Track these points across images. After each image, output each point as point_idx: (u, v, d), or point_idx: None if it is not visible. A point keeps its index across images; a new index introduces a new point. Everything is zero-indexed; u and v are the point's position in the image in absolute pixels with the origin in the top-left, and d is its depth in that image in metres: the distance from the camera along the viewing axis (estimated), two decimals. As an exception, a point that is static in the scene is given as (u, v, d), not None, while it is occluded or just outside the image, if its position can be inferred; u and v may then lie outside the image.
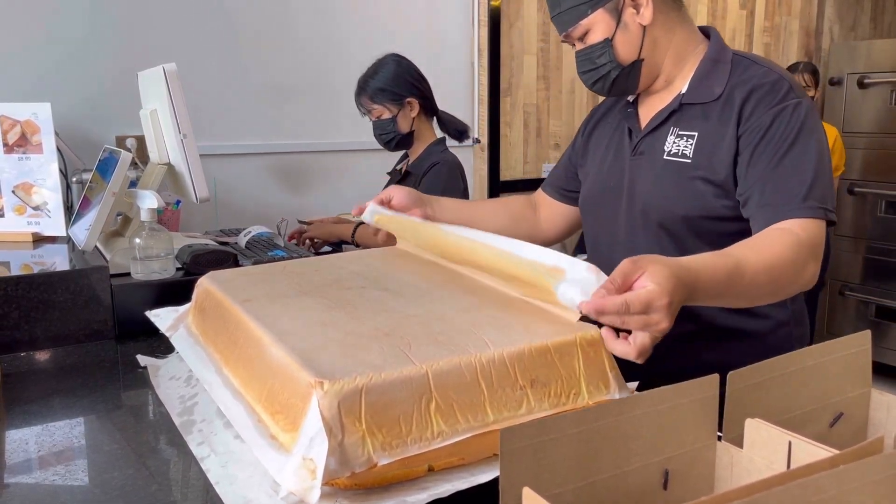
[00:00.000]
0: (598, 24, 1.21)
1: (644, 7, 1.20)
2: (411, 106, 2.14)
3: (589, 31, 1.22)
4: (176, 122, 1.57)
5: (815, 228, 1.10)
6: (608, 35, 1.21)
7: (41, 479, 0.84)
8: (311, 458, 0.72)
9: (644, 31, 1.21)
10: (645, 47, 1.22)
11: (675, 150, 1.23)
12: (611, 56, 1.22)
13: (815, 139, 1.14)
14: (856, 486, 0.50)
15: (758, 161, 1.14)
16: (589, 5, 1.20)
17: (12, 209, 1.73)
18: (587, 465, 0.59)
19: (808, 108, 1.15)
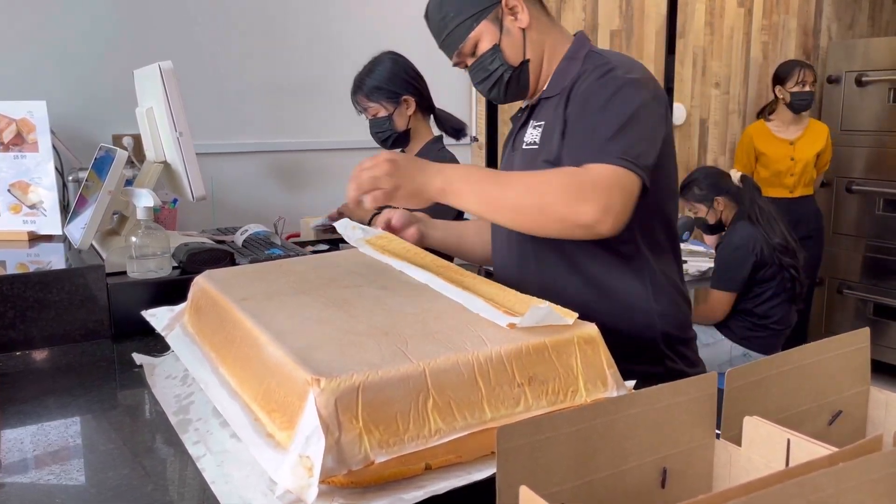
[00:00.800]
0: (485, 34, 1.33)
1: (521, 12, 1.32)
2: (407, 104, 2.14)
3: (478, 42, 1.33)
4: (172, 120, 1.57)
5: (605, 171, 1.13)
6: (496, 41, 1.33)
7: (37, 479, 0.84)
8: (307, 455, 0.71)
9: (524, 34, 1.34)
10: (527, 48, 1.34)
11: (529, 139, 1.36)
12: (501, 60, 1.33)
13: (630, 103, 1.19)
14: (854, 484, 0.50)
15: (573, 128, 1.24)
16: (473, 19, 1.32)
17: (8, 208, 1.73)
18: (584, 464, 0.59)
19: (627, 80, 1.22)
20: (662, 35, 3.59)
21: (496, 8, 1.32)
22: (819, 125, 3.67)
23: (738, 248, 2.76)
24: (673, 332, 1.32)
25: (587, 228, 1.11)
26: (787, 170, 3.57)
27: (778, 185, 3.60)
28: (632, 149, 1.15)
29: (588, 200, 1.10)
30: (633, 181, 1.14)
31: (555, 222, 1.12)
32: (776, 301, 2.79)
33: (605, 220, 1.11)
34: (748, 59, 3.93)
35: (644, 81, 1.23)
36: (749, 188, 2.89)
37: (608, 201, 1.11)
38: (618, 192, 1.12)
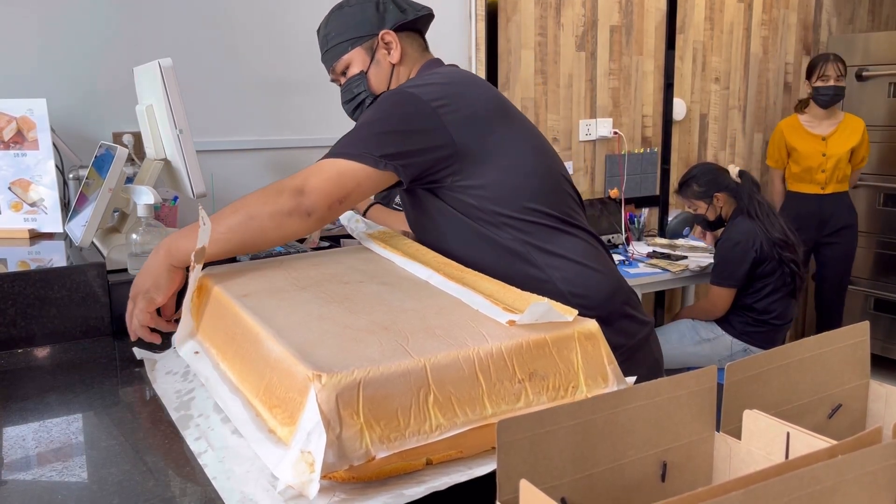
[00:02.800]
0: (356, 60, 1.48)
1: (394, 49, 1.46)
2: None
3: (349, 65, 1.49)
4: (172, 117, 1.57)
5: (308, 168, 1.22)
6: (364, 68, 1.47)
7: (39, 476, 0.84)
8: (309, 451, 0.72)
9: (393, 68, 1.47)
10: (392, 81, 1.47)
11: None
12: (365, 86, 1.48)
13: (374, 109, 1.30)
14: (854, 477, 0.50)
15: None
16: (349, 43, 1.47)
17: (9, 206, 1.73)
18: (584, 458, 0.59)
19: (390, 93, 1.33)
20: (662, 30, 3.59)
21: (372, 39, 1.46)
22: (855, 120, 3.59)
23: (738, 243, 2.76)
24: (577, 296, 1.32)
25: (294, 212, 1.16)
26: (819, 166, 3.53)
27: (809, 181, 3.56)
28: (351, 143, 1.24)
29: (283, 191, 1.17)
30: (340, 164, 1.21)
31: (267, 220, 1.15)
32: (776, 296, 2.79)
33: (303, 201, 1.17)
34: (748, 55, 3.93)
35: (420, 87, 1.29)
36: (747, 183, 2.89)
37: (301, 184, 1.18)
38: (314, 174, 1.20)
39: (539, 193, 1.33)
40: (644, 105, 3.63)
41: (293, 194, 1.16)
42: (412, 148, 1.24)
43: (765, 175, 4.03)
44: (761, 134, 4.07)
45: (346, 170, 1.21)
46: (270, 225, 1.16)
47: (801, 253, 2.87)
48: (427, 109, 1.26)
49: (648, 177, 3.67)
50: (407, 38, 1.48)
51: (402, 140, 1.24)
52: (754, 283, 2.79)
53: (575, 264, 1.32)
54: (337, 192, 1.20)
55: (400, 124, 1.26)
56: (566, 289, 1.30)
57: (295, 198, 1.16)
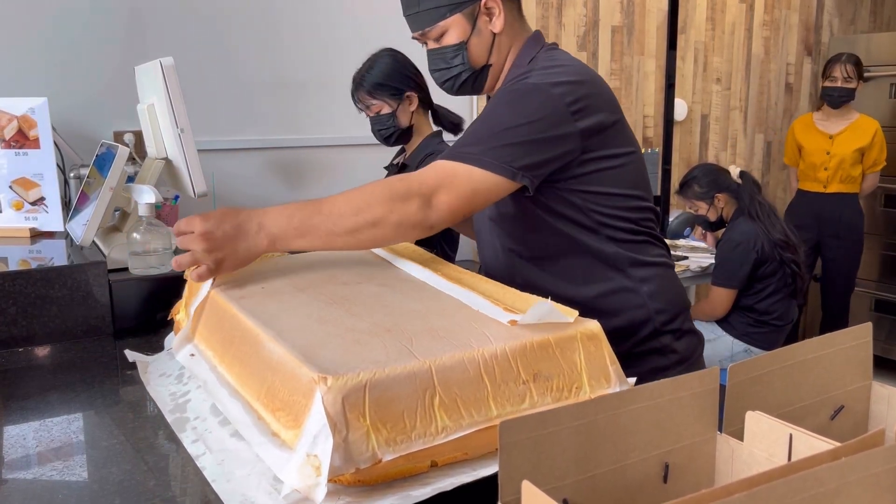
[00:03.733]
0: (455, 27, 1.29)
1: (497, 17, 1.29)
2: (410, 100, 2.13)
3: (445, 32, 1.29)
4: (173, 116, 1.56)
5: (434, 168, 1.15)
6: (463, 38, 1.29)
7: (39, 475, 0.84)
8: (315, 454, 0.71)
9: (494, 37, 1.31)
10: (493, 53, 1.32)
11: None
12: (464, 58, 1.30)
13: (511, 108, 1.20)
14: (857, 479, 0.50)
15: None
16: (448, 8, 1.27)
17: (10, 204, 1.73)
18: (587, 459, 0.59)
19: (527, 87, 1.21)
20: (664, 30, 3.58)
21: (474, 5, 1.28)
22: (868, 122, 3.57)
23: (739, 244, 2.75)
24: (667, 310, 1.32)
25: (418, 226, 1.12)
26: (822, 163, 3.54)
27: (812, 178, 3.58)
28: (492, 149, 1.15)
29: (412, 199, 1.11)
30: (476, 175, 1.14)
31: (391, 230, 1.10)
32: (777, 297, 2.79)
33: (430, 215, 1.12)
34: (749, 55, 3.92)
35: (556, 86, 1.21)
36: (748, 184, 2.89)
37: (431, 195, 1.12)
38: (446, 187, 1.13)
39: (638, 207, 1.31)
40: (645, 105, 3.63)
41: (421, 206, 1.11)
42: (547, 157, 1.19)
43: (765, 175, 4.03)
44: (762, 135, 4.07)
45: (482, 185, 1.15)
46: (392, 234, 1.11)
47: (802, 253, 2.87)
48: (564, 113, 1.20)
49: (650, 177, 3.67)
50: (507, 3, 1.32)
51: (540, 150, 1.18)
52: (755, 284, 2.79)
53: (660, 278, 1.33)
54: (465, 209, 1.15)
55: (538, 132, 1.18)
56: (652, 304, 1.30)
57: (423, 210, 1.11)
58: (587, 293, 1.28)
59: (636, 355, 1.28)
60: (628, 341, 1.28)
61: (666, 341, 1.32)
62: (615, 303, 1.29)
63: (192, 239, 1.06)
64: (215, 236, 1.05)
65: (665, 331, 1.31)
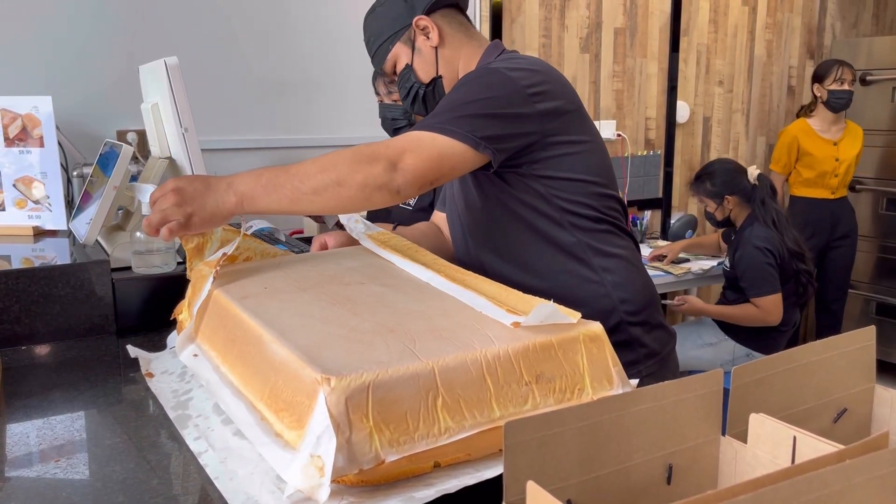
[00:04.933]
0: (401, 55, 1.41)
1: (431, 31, 1.38)
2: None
3: (396, 62, 1.43)
4: (177, 116, 1.57)
5: (403, 135, 1.20)
6: (408, 61, 1.41)
7: (42, 473, 0.84)
8: (318, 455, 0.71)
9: (436, 52, 1.40)
10: (440, 65, 1.41)
11: None
12: (414, 78, 1.42)
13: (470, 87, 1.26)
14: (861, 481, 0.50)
15: None
16: (389, 41, 1.41)
17: (13, 203, 1.73)
18: (591, 460, 0.59)
19: (485, 69, 1.30)
20: (666, 33, 3.59)
21: (407, 30, 1.39)
22: (855, 127, 3.61)
23: (762, 250, 2.74)
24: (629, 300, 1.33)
25: (384, 187, 1.13)
26: (832, 170, 3.53)
27: (821, 186, 3.56)
28: (453, 119, 1.19)
29: (378, 161, 1.13)
30: (440, 141, 1.17)
31: (356, 190, 1.12)
32: (786, 304, 2.79)
33: (395, 177, 1.13)
34: (752, 58, 3.93)
35: (516, 70, 1.26)
36: (763, 188, 2.86)
37: (397, 159, 1.14)
38: (412, 151, 1.15)
39: (600, 194, 1.34)
40: (647, 107, 3.63)
41: (387, 168, 1.13)
42: (509, 132, 1.23)
43: (767, 178, 4.02)
44: (764, 137, 4.07)
45: (447, 150, 1.18)
46: (358, 196, 1.13)
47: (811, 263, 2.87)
48: (523, 94, 1.25)
49: (651, 179, 3.67)
50: (443, 17, 1.40)
51: (500, 123, 1.22)
52: None
53: (624, 268, 1.34)
54: (431, 174, 1.17)
55: (499, 107, 1.23)
56: (616, 294, 1.32)
57: (388, 172, 1.13)
58: (551, 283, 1.30)
59: None
60: None
61: (636, 334, 1.32)
62: (578, 293, 1.30)
63: (163, 194, 1.09)
64: (185, 191, 1.08)
65: (632, 322, 1.32)
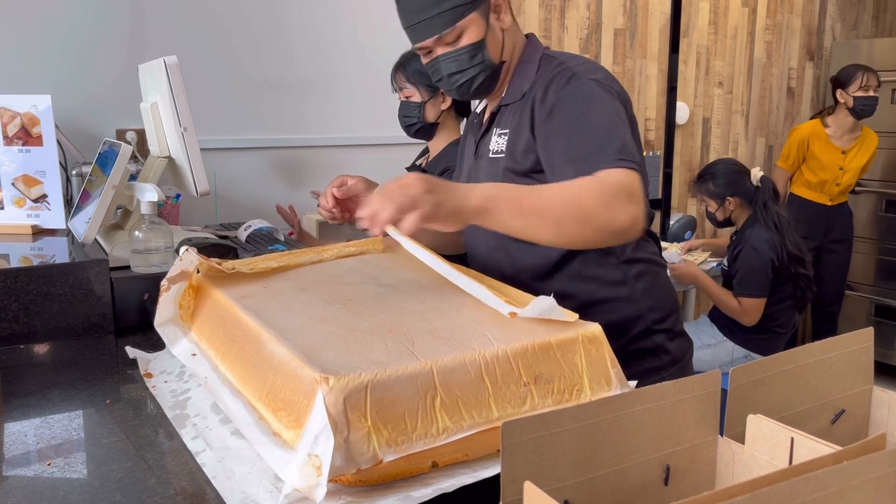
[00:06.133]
0: (473, 26, 1.25)
1: (503, 13, 1.28)
2: (443, 98, 2.10)
3: (463, 33, 1.25)
4: (176, 115, 1.57)
5: (621, 174, 1.11)
6: (481, 37, 1.26)
7: (40, 472, 0.84)
8: (316, 454, 0.71)
9: (503, 35, 1.29)
10: (505, 50, 1.30)
11: (495, 147, 1.32)
12: (484, 56, 1.27)
13: (602, 106, 1.20)
14: (858, 483, 0.50)
15: (554, 136, 1.20)
16: (466, 7, 1.24)
17: (12, 201, 1.73)
18: (588, 460, 0.59)
19: (591, 85, 1.22)
20: (666, 34, 3.59)
21: (486, 2, 1.26)
22: (871, 134, 3.56)
23: (760, 253, 2.74)
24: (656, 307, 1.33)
25: (622, 234, 1.09)
26: (834, 179, 3.51)
27: (821, 191, 3.55)
28: (625, 147, 1.14)
29: (620, 206, 1.08)
30: (638, 179, 1.13)
31: (595, 231, 1.08)
32: (782, 306, 2.79)
33: (636, 225, 1.10)
34: (752, 59, 3.93)
35: (608, 81, 1.24)
36: (766, 191, 2.86)
37: (637, 205, 1.10)
38: (638, 194, 1.11)
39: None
40: (647, 108, 3.63)
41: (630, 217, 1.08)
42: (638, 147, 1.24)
43: (767, 179, 4.02)
44: (763, 138, 4.07)
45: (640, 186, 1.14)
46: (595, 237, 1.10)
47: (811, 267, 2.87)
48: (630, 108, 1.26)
49: (651, 180, 3.67)
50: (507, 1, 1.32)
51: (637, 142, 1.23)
52: None
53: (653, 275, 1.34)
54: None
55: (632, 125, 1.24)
56: (645, 301, 1.30)
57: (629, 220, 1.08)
58: (582, 289, 1.28)
59: (629, 354, 1.28)
60: (621, 339, 1.28)
61: (659, 341, 1.32)
62: (609, 298, 1.29)
63: (410, 182, 0.98)
64: (432, 181, 1.00)
65: (657, 330, 1.32)
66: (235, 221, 2.29)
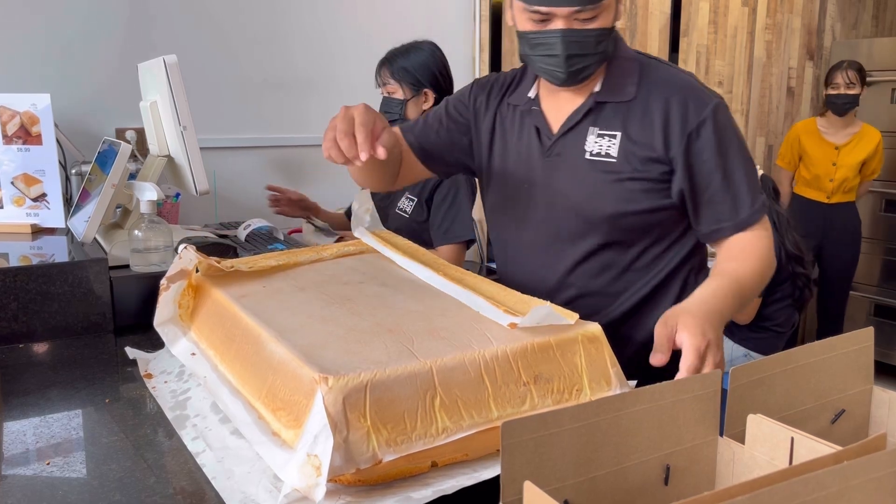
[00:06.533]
0: (609, 10, 1.16)
1: (621, 3, 1.21)
2: (426, 97, 2.10)
3: (600, 14, 1.14)
4: (176, 114, 1.56)
5: (766, 221, 1.24)
6: (612, 24, 1.18)
7: (39, 471, 0.84)
8: (315, 454, 0.71)
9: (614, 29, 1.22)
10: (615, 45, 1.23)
11: (597, 150, 1.22)
12: (607, 46, 1.18)
13: (738, 137, 1.23)
14: (858, 483, 0.50)
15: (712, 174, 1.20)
16: None
17: (11, 200, 1.73)
18: (588, 460, 0.59)
19: (724, 106, 1.21)
20: (666, 33, 3.58)
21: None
22: (871, 132, 3.54)
23: None
24: None
25: None
26: (826, 175, 3.51)
27: (817, 188, 3.55)
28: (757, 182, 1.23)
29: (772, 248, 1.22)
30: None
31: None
32: (781, 304, 2.79)
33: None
34: (752, 59, 3.92)
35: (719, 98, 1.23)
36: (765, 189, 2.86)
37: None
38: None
39: None
40: (647, 108, 3.63)
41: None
42: None
43: (767, 179, 4.02)
44: (763, 138, 4.07)
45: None
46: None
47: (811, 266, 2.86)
48: None
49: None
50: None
51: None
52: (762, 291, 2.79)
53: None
54: None
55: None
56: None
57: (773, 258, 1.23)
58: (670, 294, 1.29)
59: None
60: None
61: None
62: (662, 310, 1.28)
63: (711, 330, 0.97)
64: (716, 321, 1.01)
65: None
66: (235, 221, 2.29)
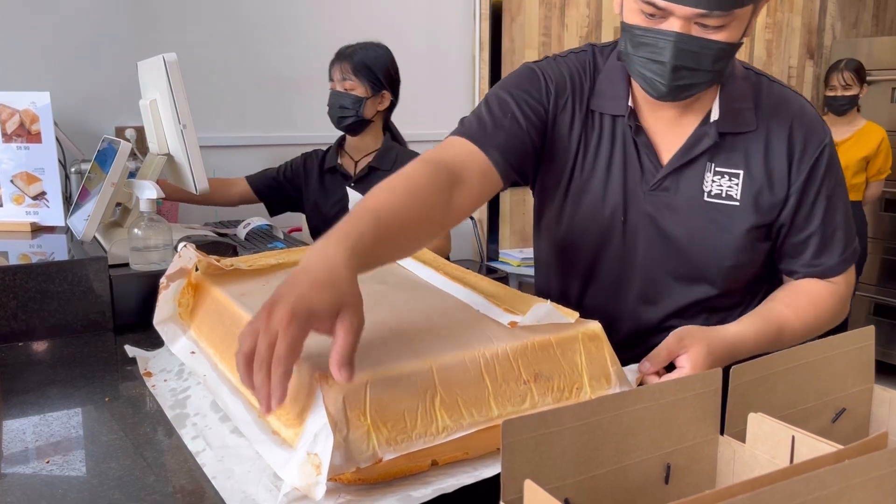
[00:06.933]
0: (739, 22, 0.97)
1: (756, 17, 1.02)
2: (382, 99, 2.13)
3: (728, 25, 0.96)
4: (176, 112, 1.56)
5: (852, 272, 1.15)
6: (738, 38, 0.99)
7: (38, 470, 0.84)
8: (315, 453, 0.71)
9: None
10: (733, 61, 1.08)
11: (716, 190, 1.07)
12: (725, 64, 1.00)
13: (841, 172, 1.14)
14: (860, 482, 0.50)
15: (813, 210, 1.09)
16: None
17: (10, 199, 1.73)
18: (588, 459, 0.59)
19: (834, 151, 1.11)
20: (666, 32, 3.58)
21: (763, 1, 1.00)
22: (874, 129, 3.50)
23: None
24: None
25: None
26: None
27: None
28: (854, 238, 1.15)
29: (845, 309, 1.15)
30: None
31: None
32: None
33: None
34: (752, 57, 3.92)
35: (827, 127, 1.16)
36: None
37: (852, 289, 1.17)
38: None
39: None
40: (647, 107, 3.63)
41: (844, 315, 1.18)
42: None
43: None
44: (764, 137, 4.08)
45: None
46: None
47: None
48: None
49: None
50: None
51: None
52: None
53: None
54: None
55: None
56: None
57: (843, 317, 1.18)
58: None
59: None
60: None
61: None
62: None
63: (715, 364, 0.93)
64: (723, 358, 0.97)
65: None
66: (234, 219, 2.28)
